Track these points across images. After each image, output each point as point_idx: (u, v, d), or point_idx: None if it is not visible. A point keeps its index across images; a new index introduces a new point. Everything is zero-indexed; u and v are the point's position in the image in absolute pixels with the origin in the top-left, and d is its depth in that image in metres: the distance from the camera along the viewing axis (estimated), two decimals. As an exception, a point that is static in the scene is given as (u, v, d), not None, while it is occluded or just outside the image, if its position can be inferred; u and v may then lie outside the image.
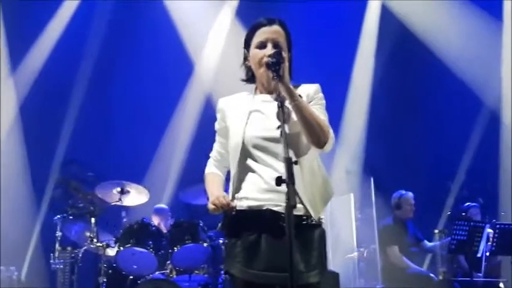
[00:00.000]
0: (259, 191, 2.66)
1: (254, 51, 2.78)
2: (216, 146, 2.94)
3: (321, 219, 2.71)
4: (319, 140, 2.64)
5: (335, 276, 4.91)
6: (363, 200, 7.60)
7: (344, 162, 8.18)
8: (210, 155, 2.97)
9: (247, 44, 2.83)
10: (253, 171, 2.70)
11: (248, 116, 2.75)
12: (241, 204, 2.68)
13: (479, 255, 6.32)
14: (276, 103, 2.59)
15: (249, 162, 2.70)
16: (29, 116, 8.06)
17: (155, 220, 6.80)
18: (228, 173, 2.86)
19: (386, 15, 8.85)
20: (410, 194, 7.15)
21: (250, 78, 2.88)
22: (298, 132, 2.66)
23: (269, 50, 2.72)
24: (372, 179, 7.50)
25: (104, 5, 8.38)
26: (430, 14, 8.58)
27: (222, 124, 2.86)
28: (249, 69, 2.87)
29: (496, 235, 6.15)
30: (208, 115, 2.95)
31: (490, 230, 6.36)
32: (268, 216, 2.61)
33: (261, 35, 2.78)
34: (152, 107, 8.38)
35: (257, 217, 2.63)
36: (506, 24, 8.40)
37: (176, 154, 8.35)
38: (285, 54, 2.70)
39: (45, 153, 8.01)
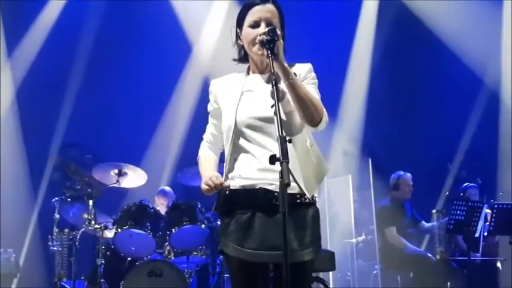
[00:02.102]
0: (252, 170, 2.64)
1: (247, 30, 2.73)
2: (209, 128, 2.92)
3: (315, 197, 2.70)
4: (313, 119, 2.62)
5: (331, 255, 4.90)
6: (361, 181, 7.58)
7: (342, 143, 8.16)
8: (203, 136, 2.96)
9: (239, 23, 2.79)
10: (246, 151, 2.68)
11: (240, 96, 2.73)
12: (234, 183, 2.67)
13: (477, 235, 6.33)
14: (268, 82, 2.56)
15: (242, 142, 2.68)
16: (26, 100, 8.03)
17: (161, 201, 6.81)
18: (222, 154, 2.84)
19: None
20: (409, 174, 7.15)
21: (243, 57, 2.85)
22: (292, 111, 2.64)
23: (262, 29, 2.67)
24: (370, 161, 7.48)
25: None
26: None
27: (215, 106, 2.84)
28: (241, 49, 2.83)
29: (494, 215, 6.16)
30: (206, 97, 2.92)
31: (488, 210, 6.38)
32: (262, 195, 2.60)
33: (254, 13, 2.73)
34: (150, 89, 8.35)
35: (250, 196, 2.62)
36: (506, 2, 8.33)
37: (174, 136, 8.33)
38: (279, 32, 2.65)
39: (43, 137, 7.99)
